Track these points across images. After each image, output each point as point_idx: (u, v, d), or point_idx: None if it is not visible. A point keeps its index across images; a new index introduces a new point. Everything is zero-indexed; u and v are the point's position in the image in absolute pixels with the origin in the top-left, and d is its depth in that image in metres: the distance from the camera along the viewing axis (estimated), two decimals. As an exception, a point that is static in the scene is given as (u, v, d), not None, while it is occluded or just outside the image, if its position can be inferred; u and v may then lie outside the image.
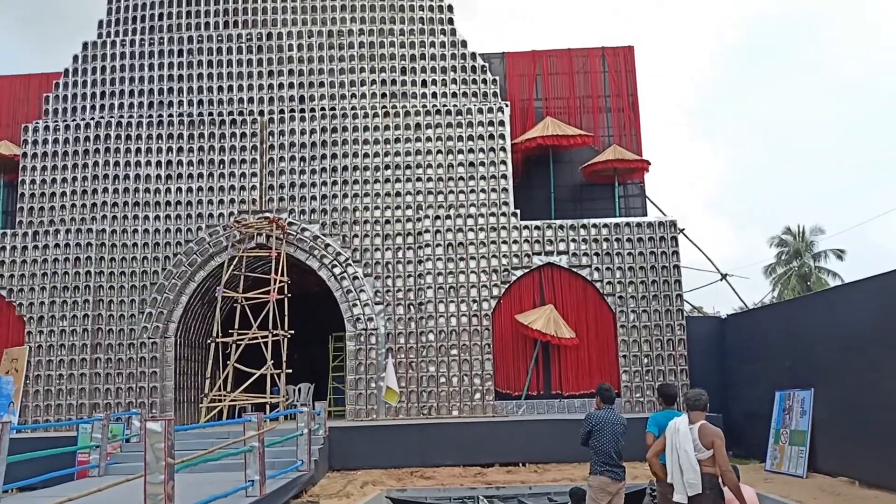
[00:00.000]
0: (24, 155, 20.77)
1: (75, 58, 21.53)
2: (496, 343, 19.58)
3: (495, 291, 19.78)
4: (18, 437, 15.32)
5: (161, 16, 21.68)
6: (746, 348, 18.55)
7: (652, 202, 21.84)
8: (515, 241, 20.01)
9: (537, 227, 20.10)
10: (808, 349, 14.99)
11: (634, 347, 19.46)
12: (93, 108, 21.16)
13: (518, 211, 20.19)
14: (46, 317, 19.73)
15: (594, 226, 20.10)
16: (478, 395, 19.28)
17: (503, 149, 20.54)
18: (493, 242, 20.00)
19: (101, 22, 21.85)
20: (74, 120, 21.00)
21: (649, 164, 20.98)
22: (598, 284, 19.85)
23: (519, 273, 19.92)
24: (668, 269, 19.99)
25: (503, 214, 20.16)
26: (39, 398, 19.47)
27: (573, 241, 20.02)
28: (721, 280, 23.14)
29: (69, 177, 20.64)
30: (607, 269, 19.92)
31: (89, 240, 20.09)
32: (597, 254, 19.97)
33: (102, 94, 21.22)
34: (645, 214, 21.46)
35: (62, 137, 20.85)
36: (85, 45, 21.57)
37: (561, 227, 20.08)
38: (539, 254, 20.00)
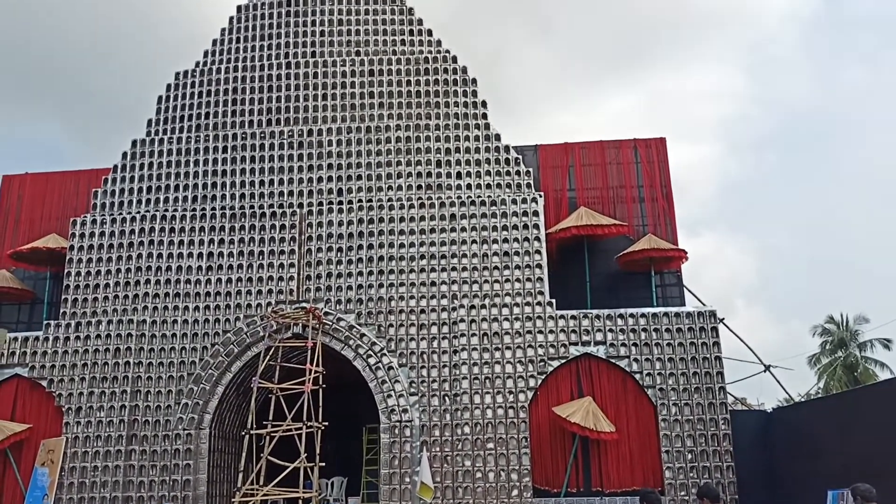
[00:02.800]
0: (71, 248, 21.44)
1: (124, 154, 22.49)
2: (533, 437, 19.10)
3: (531, 382, 19.46)
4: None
5: (207, 115, 22.67)
6: (795, 444, 17.81)
7: (690, 291, 21.65)
8: (551, 331, 19.82)
9: (573, 317, 19.93)
10: (862, 445, 14.33)
11: (677, 442, 18.82)
12: (139, 202, 21.93)
13: (553, 300, 20.09)
14: (84, 407, 19.85)
15: (631, 315, 19.87)
16: (515, 492, 18.67)
17: (537, 238, 20.66)
18: (529, 332, 19.83)
19: (150, 121, 22.90)
20: (121, 214, 21.75)
21: (686, 253, 20.88)
22: (637, 376, 19.44)
23: (555, 364, 19.63)
24: (710, 361, 19.54)
25: (538, 304, 20.07)
26: (74, 490, 19.34)
27: (610, 331, 19.76)
28: (764, 371, 22.53)
29: (113, 269, 21.19)
30: (646, 359, 19.54)
31: (130, 330, 20.41)
32: (635, 344, 19.65)
33: (149, 188, 22.01)
34: (683, 304, 21.18)
35: (108, 231, 21.54)
36: (134, 143, 22.56)
37: (597, 316, 19.89)
38: (576, 344, 19.75)
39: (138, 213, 21.70)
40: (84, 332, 20.55)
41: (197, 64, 23.27)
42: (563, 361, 19.61)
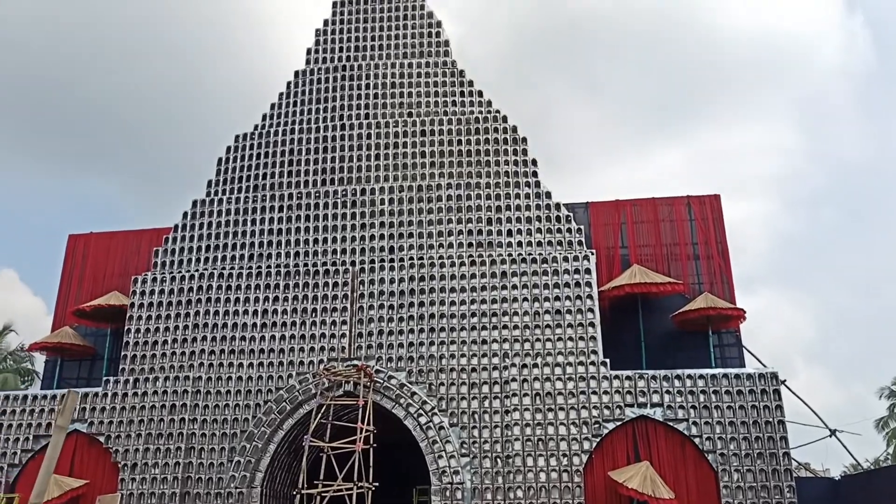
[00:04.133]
0: (132, 305, 22.02)
1: (185, 214, 23.21)
2: (588, 502, 18.51)
3: (586, 445, 18.98)
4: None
5: (264, 175, 23.34)
6: (869, 515, 16.86)
7: (749, 352, 21.03)
8: (606, 392, 19.40)
9: (628, 378, 19.49)
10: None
11: (741, 510, 17.99)
12: (197, 260, 22.50)
13: (607, 360, 19.72)
14: (140, 464, 20.08)
15: (689, 377, 19.34)
16: (570, 560, 18.03)
17: (590, 297, 20.43)
18: (583, 393, 19.45)
19: (209, 181, 23.65)
20: (180, 272, 22.32)
21: (744, 312, 20.34)
22: (696, 440, 18.80)
23: (611, 426, 19.14)
24: (773, 425, 18.80)
25: (592, 364, 19.72)
26: (126, 548, 19.42)
27: (667, 392, 19.25)
28: (830, 436, 21.53)
29: (171, 326, 21.65)
30: (706, 423, 18.91)
31: (185, 387, 20.72)
32: (693, 407, 19.07)
33: (207, 247, 22.60)
34: (742, 365, 20.57)
35: (167, 288, 22.10)
36: (194, 203, 23.28)
37: (654, 377, 19.42)
38: (631, 405, 19.26)
39: (197, 271, 22.24)
40: (141, 389, 20.93)
41: (256, 127, 24.09)
42: (618, 424, 19.11)
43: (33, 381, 33.28)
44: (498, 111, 23.20)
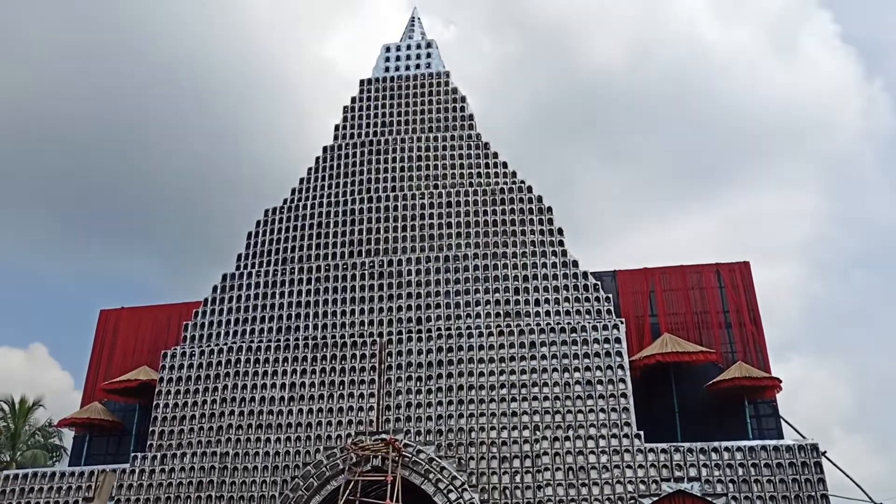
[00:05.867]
0: (161, 380, 22.09)
1: (214, 288, 23.48)
2: (627, 582, 17.79)
3: (622, 522, 18.36)
4: None
5: (293, 248, 23.64)
6: None
7: (787, 423, 20.46)
8: (641, 466, 18.87)
9: (664, 451, 18.98)
10: None
11: (788, 592, 17.15)
12: (226, 334, 22.63)
13: (641, 432, 19.25)
14: (165, 543, 19.74)
15: (727, 449, 18.79)
16: None
17: (621, 366, 20.13)
18: (617, 466, 18.93)
19: (239, 255, 24.01)
20: (209, 346, 22.43)
21: (780, 381, 19.86)
22: (737, 515, 18.10)
23: (647, 502, 18.54)
24: (815, 499, 18.11)
25: (625, 436, 19.27)
26: None
27: (704, 466, 18.67)
28: (878, 510, 20.57)
29: (199, 400, 21.63)
30: (745, 497, 18.26)
31: (213, 463, 20.53)
32: (732, 481, 18.45)
33: (236, 320, 22.75)
34: (780, 436, 19.96)
35: (196, 363, 22.17)
36: (224, 277, 23.57)
37: (690, 450, 18.88)
38: (668, 480, 18.68)
39: (225, 344, 22.34)
40: (169, 465, 20.77)
41: (285, 201, 24.56)
42: (655, 499, 18.51)
43: (61, 457, 33.16)
44: (523, 182, 23.47)
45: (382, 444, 19.94)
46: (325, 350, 21.76)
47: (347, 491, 19.50)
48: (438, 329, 21.51)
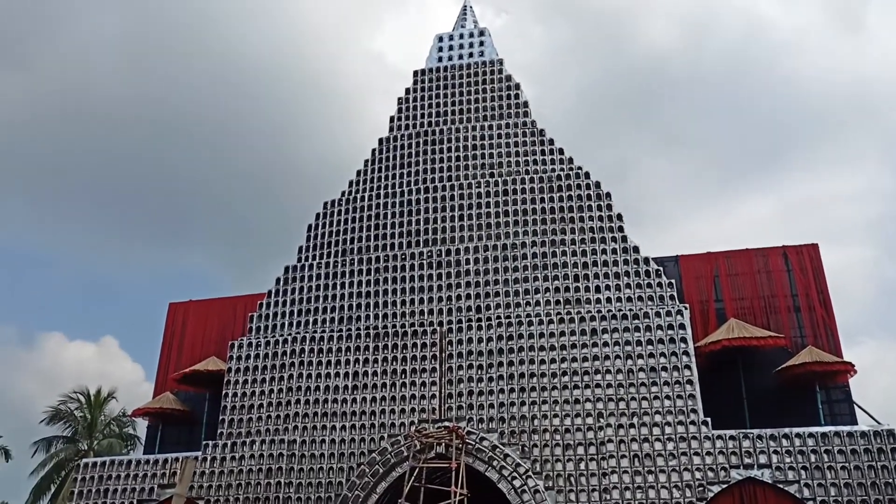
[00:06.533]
0: (229, 370, 22.69)
1: (277, 280, 23.97)
2: (697, 570, 17.57)
3: (691, 509, 18.12)
4: None
5: (352, 240, 23.95)
6: None
7: (861, 408, 19.81)
8: (709, 453, 18.58)
9: (732, 438, 18.65)
10: None
11: (866, 581, 16.69)
12: (290, 325, 23.09)
13: (709, 419, 18.94)
14: (238, 528, 20.32)
15: (798, 436, 18.35)
16: None
17: (686, 353, 19.82)
18: (684, 454, 18.68)
19: (300, 248, 24.43)
20: (274, 336, 22.93)
21: (853, 366, 19.28)
22: (809, 503, 17.68)
23: (716, 489, 18.25)
24: (892, 486, 17.55)
25: (692, 423, 18.99)
26: None
27: (775, 452, 18.28)
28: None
29: (266, 389, 22.15)
30: (819, 485, 17.82)
31: (281, 450, 21.03)
32: (804, 468, 18.02)
33: (299, 311, 23.20)
34: (854, 422, 19.40)
35: (262, 353, 22.70)
36: (286, 269, 24.04)
37: (759, 437, 18.51)
38: (737, 467, 18.36)
39: (290, 335, 22.81)
40: (239, 453, 21.36)
41: (343, 193, 24.87)
42: (724, 486, 18.21)
43: (135, 446, 34.43)
44: (580, 168, 23.24)
45: (446, 431, 20.10)
46: (386, 339, 22.01)
47: (413, 477, 19.75)
48: (498, 317, 21.52)
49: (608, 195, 22.64)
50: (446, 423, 20.38)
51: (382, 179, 24.68)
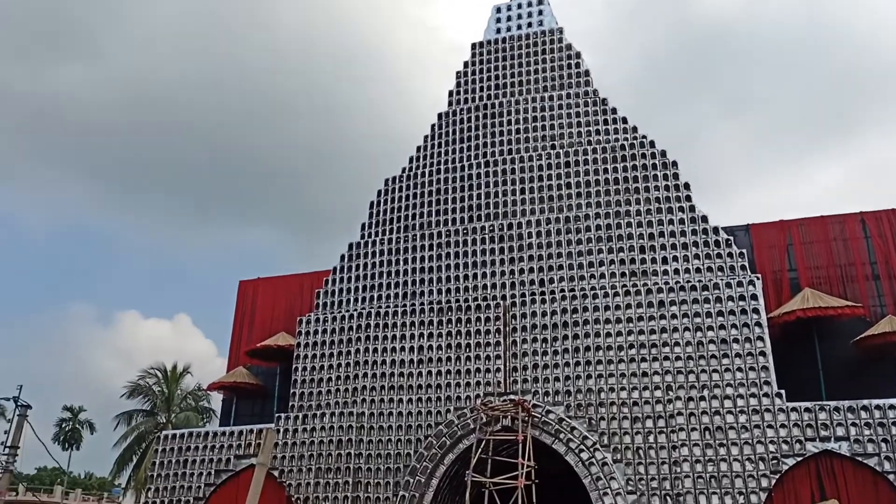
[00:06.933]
0: (298, 345, 23.23)
1: (342, 257, 24.33)
2: (771, 544, 17.27)
3: (764, 483, 17.78)
4: None
5: (413, 216, 24.08)
6: None
7: (946, 379, 18.90)
8: (783, 426, 18.14)
9: (808, 410, 18.15)
10: None
11: (953, 558, 16.10)
12: (356, 300, 23.46)
13: (783, 392, 18.46)
14: (311, 498, 20.94)
15: (878, 408, 17.74)
16: None
17: (758, 324, 19.30)
18: (757, 427, 18.29)
19: (363, 224, 24.71)
20: (340, 312, 23.35)
21: (937, 336, 18.44)
22: (891, 476, 17.11)
23: (790, 462, 17.84)
24: (983, 460, 16.78)
25: (765, 395, 18.54)
26: (301, 579, 20.20)
27: (853, 425, 17.72)
28: None
29: (334, 363, 22.62)
30: (901, 458, 17.19)
31: (350, 422, 21.50)
32: (885, 440, 17.42)
33: (364, 287, 23.54)
34: (939, 394, 18.57)
35: (329, 328, 23.15)
36: (350, 246, 24.37)
37: (837, 409, 17.96)
38: (813, 439, 17.88)
39: (356, 310, 23.19)
40: (310, 425, 21.93)
41: (403, 170, 24.98)
42: (799, 459, 17.78)
43: (211, 419, 35.79)
44: (644, 137, 22.74)
45: (511, 404, 20.17)
46: (450, 314, 22.13)
47: (479, 449, 19.93)
48: (562, 290, 21.38)
49: (674, 164, 22.10)
50: (512, 396, 20.44)
51: (443, 155, 24.67)
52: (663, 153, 22.31)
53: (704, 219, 21.08)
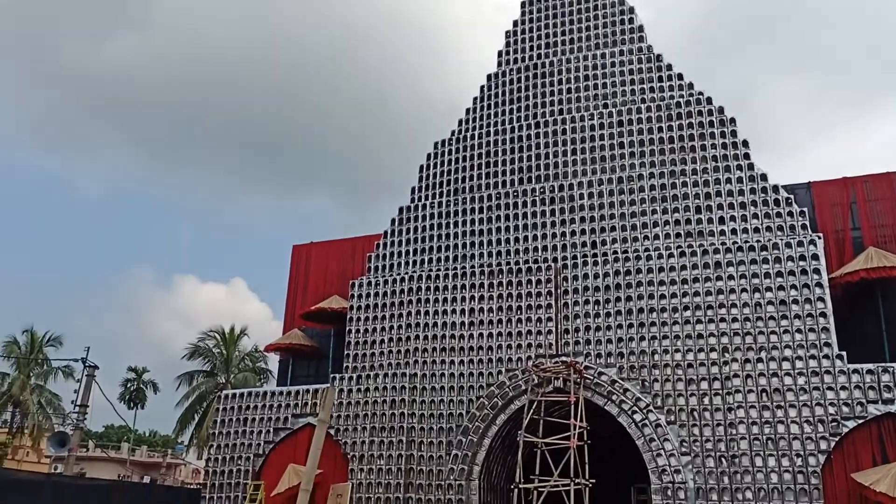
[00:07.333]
0: (351, 307, 23.59)
1: (392, 220, 24.48)
2: (830, 507, 17.01)
3: (823, 445, 17.45)
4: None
5: (464, 178, 24.02)
6: None
7: None
8: (844, 388, 17.71)
9: (870, 372, 17.66)
10: None
11: None
12: (406, 263, 23.64)
13: (844, 353, 17.99)
14: (366, 455, 21.44)
15: (945, 370, 17.13)
16: (812, 569, 16.66)
17: (819, 284, 18.77)
18: (816, 388, 17.89)
19: (413, 188, 24.76)
20: (392, 275, 23.57)
21: None
22: (958, 441, 16.60)
23: (851, 424, 17.44)
24: None
25: (825, 357, 18.10)
26: (358, 534, 20.82)
27: (919, 387, 17.18)
28: None
29: (387, 325, 22.92)
30: (970, 422, 16.63)
31: (403, 383, 21.81)
32: (953, 403, 16.86)
33: (415, 251, 23.67)
34: None
35: (381, 291, 23.42)
36: (400, 210, 24.48)
37: (901, 371, 17.42)
38: (875, 402, 17.43)
39: (407, 273, 23.37)
40: (364, 385, 22.35)
41: (453, 133, 24.86)
42: (860, 422, 17.37)
43: (268, 380, 36.84)
44: (701, 93, 22.10)
45: (563, 366, 20.17)
46: (500, 276, 22.12)
47: (531, 410, 20.04)
48: (615, 252, 21.12)
49: (732, 121, 21.45)
50: (564, 358, 20.43)
51: (493, 116, 24.44)
52: (721, 110, 21.65)
53: (763, 177, 20.47)
